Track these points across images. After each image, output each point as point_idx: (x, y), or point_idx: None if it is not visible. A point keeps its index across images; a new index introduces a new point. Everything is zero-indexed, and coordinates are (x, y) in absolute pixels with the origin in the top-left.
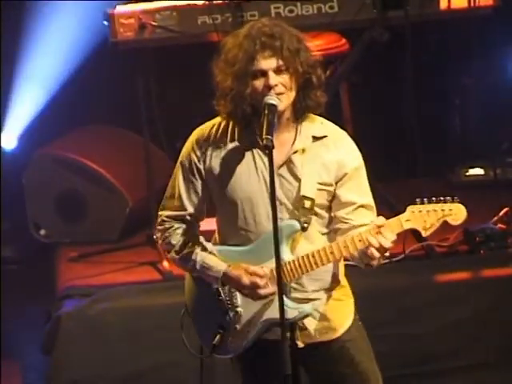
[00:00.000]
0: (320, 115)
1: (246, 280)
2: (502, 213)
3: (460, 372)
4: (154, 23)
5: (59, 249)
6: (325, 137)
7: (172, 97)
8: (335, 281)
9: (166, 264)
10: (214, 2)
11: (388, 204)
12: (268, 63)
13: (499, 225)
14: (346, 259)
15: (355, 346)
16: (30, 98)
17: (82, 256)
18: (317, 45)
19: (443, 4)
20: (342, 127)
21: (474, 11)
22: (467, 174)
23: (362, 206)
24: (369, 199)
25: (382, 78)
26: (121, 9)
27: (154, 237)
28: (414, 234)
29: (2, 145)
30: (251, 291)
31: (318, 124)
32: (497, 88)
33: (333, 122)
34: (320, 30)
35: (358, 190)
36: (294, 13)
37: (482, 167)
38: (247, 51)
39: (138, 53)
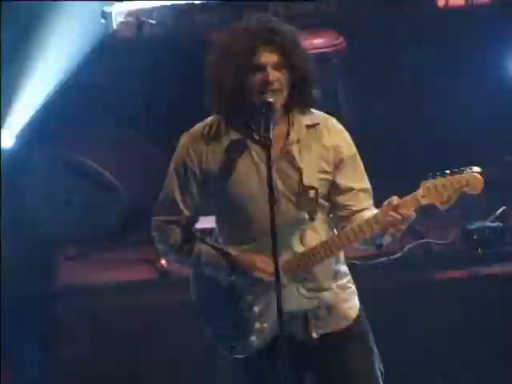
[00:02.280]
0: None
1: (259, 262)
2: (499, 211)
3: (458, 371)
4: (152, 22)
5: (58, 247)
6: (317, 124)
7: (171, 95)
8: (340, 268)
9: (163, 261)
10: (212, 0)
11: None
12: (269, 57)
13: (497, 223)
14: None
15: (361, 340)
16: (29, 96)
17: (81, 254)
18: (314, 43)
19: (441, 1)
20: None
21: (472, 8)
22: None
23: (360, 191)
24: (366, 183)
25: (381, 76)
26: (119, 7)
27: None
28: (413, 231)
29: (2, 143)
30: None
31: (309, 113)
32: (497, 88)
33: None
34: (318, 28)
35: (356, 175)
36: (291, 11)
37: (480, 165)
38: (248, 45)
39: (136, 51)
